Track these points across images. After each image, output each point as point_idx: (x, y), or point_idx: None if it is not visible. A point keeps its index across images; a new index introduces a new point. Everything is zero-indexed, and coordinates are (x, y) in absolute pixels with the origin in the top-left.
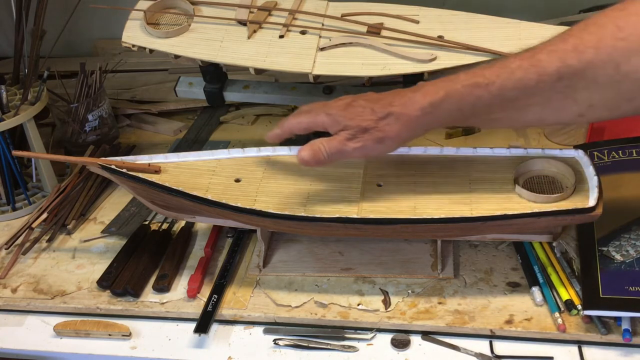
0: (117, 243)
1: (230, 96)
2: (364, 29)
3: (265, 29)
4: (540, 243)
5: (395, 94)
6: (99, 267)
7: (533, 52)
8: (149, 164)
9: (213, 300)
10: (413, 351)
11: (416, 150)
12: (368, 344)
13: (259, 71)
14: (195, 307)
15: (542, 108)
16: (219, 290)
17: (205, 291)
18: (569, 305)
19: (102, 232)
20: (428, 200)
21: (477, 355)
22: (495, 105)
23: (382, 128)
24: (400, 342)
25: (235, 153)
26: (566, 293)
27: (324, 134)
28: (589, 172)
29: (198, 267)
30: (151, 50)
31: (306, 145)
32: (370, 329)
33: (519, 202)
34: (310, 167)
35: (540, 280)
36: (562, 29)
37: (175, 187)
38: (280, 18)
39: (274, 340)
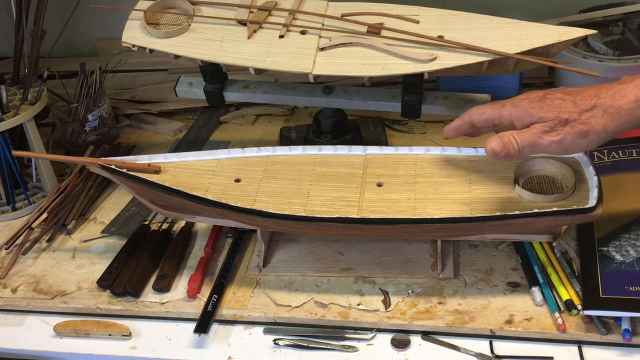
0: (117, 243)
1: (230, 96)
2: (364, 29)
3: (265, 29)
4: (540, 243)
5: (598, 87)
6: (99, 267)
7: None
8: (149, 164)
9: (213, 300)
10: (413, 351)
11: (416, 150)
12: (368, 344)
13: (259, 71)
14: (195, 307)
15: None
16: (219, 290)
17: (205, 291)
18: (569, 305)
19: (102, 232)
20: (428, 200)
21: (477, 355)
22: None
23: (586, 121)
24: (400, 342)
25: (235, 153)
26: (566, 293)
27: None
28: (589, 172)
29: (198, 267)
30: (151, 50)
31: (495, 137)
32: (370, 329)
33: (519, 202)
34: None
35: (540, 280)
36: (562, 29)
37: (175, 187)
38: (280, 18)
39: (274, 340)
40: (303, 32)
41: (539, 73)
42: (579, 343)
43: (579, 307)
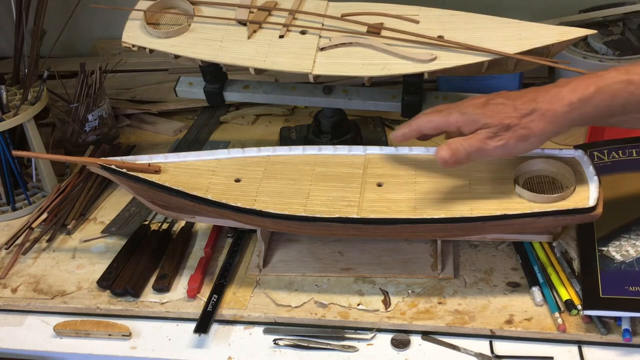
0: (117, 243)
1: (230, 96)
2: (364, 29)
3: (265, 29)
4: (540, 243)
5: (536, 91)
6: (99, 267)
7: None
8: (149, 164)
9: (213, 300)
10: (413, 351)
11: (416, 150)
12: (368, 344)
13: (259, 71)
14: (195, 307)
15: None
16: (219, 290)
17: (205, 291)
18: (569, 305)
19: (102, 232)
20: (428, 200)
21: (477, 355)
22: None
23: (526, 125)
24: (400, 342)
25: (235, 153)
26: (566, 293)
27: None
28: (589, 172)
29: (198, 267)
30: (151, 50)
31: (443, 145)
32: (370, 329)
33: (519, 202)
34: (313, 168)
35: (540, 280)
36: (562, 29)
37: (175, 187)
38: (280, 18)
39: (274, 340)
40: (303, 32)
41: (539, 73)
42: (579, 343)
43: (579, 307)
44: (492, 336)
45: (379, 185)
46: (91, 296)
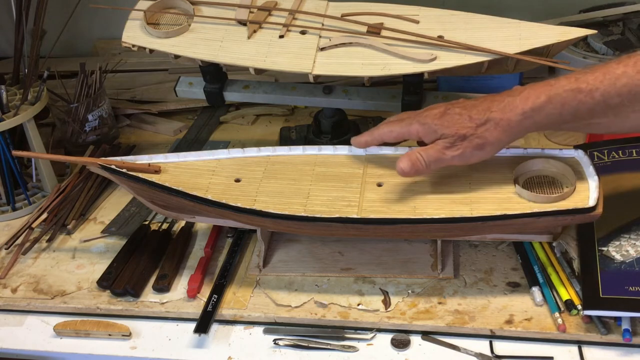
0: (117, 243)
1: (230, 96)
2: (364, 29)
3: (265, 29)
4: (540, 243)
5: (491, 99)
6: (99, 267)
7: (637, 58)
8: (149, 164)
9: (213, 300)
10: (413, 351)
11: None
12: (368, 344)
13: (259, 71)
14: (195, 307)
15: None
16: (219, 290)
17: (205, 291)
18: (569, 305)
19: (102, 232)
20: (428, 200)
21: (477, 355)
22: (597, 111)
23: (481, 134)
24: (400, 342)
25: (235, 153)
26: (566, 293)
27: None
28: (589, 172)
29: (198, 267)
30: (151, 50)
31: (404, 156)
32: (370, 329)
33: (519, 202)
34: (313, 168)
35: (540, 280)
36: (562, 29)
37: (175, 187)
38: (280, 18)
39: (274, 340)
40: (303, 32)
41: (539, 73)
42: (579, 343)
43: (579, 307)
44: (492, 336)
45: (379, 185)
46: (91, 296)
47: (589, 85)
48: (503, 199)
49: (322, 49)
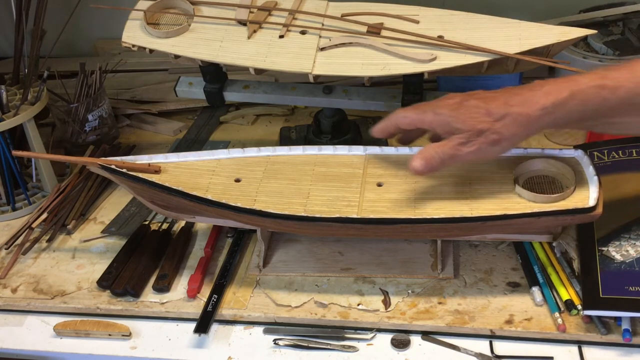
0: (117, 243)
1: (230, 96)
2: (364, 29)
3: (265, 29)
4: (540, 243)
5: (510, 93)
6: (99, 267)
7: None
8: (149, 164)
9: (213, 300)
10: (413, 351)
11: (416, 150)
12: (368, 344)
13: (259, 71)
14: (195, 307)
15: None
16: (219, 290)
17: (205, 291)
18: (569, 305)
19: (102, 232)
20: (428, 200)
21: (477, 355)
22: (620, 109)
23: (498, 130)
24: (400, 342)
25: (235, 153)
26: (566, 293)
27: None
28: (589, 172)
29: (198, 267)
30: (151, 50)
31: (418, 154)
32: (370, 329)
33: (519, 202)
34: (313, 168)
35: (540, 280)
36: (562, 29)
37: (175, 187)
38: (280, 18)
39: (274, 340)
40: (303, 32)
41: (539, 73)
42: (579, 343)
43: (579, 307)
44: (492, 336)
45: (379, 185)
46: (91, 296)
47: (614, 82)
48: (503, 199)
49: (322, 49)
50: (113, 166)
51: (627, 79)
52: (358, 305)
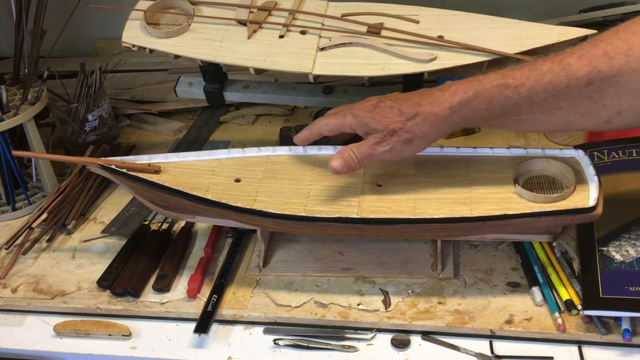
0: (117, 243)
1: (230, 96)
2: (364, 29)
3: (265, 29)
4: (540, 243)
5: (422, 94)
6: (99, 267)
7: (563, 55)
8: (149, 164)
9: (213, 300)
10: (413, 351)
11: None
12: (368, 344)
13: (259, 71)
14: (195, 307)
15: (570, 112)
16: (219, 290)
17: (205, 291)
18: (569, 305)
19: (102, 232)
20: (428, 200)
21: (477, 355)
22: (523, 107)
23: (409, 129)
24: (400, 342)
25: (235, 153)
26: (566, 293)
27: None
28: (589, 172)
29: (198, 267)
30: (151, 50)
31: (336, 154)
32: (370, 329)
33: (519, 202)
34: (313, 168)
35: (540, 280)
36: (562, 29)
37: (175, 187)
38: (280, 18)
39: (274, 340)
40: (303, 32)
41: None
42: (579, 343)
43: (579, 307)
44: (492, 336)
45: (379, 185)
46: (91, 296)
47: (515, 80)
48: (503, 199)
49: (322, 49)
50: (113, 166)
51: (528, 77)
52: (358, 305)
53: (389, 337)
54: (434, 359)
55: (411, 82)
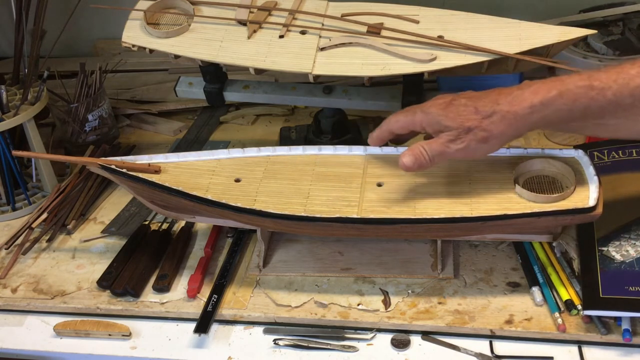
0: (117, 243)
1: (230, 96)
2: (364, 29)
3: (265, 29)
4: (540, 243)
5: (499, 92)
6: (99, 267)
7: None
8: (149, 164)
9: (213, 300)
10: (413, 351)
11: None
12: (368, 344)
13: (259, 71)
14: (195, 307)
15: None
16: (219, 290)
17: (205, 291)
18: (569, 305)
19: (102, 232)
20: (428, 200)
21: (477, 355)
22: (608, 110)
23: (486, 127)
24: (400, 342)
25: (235, 153)
26: (566, 293)
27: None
28: (589, 172)
29: (198, 267)
30: (151, 50)
31: (407, 151)
32: (370, 329)
33: (519, 202)
34: (313, 168)
35: (540, 280)
36: (562, 29)
37: (175, 187)
38: (280, 18)
39: (274, 340)
40: (303, 32)
41: (539, 73)
42: (579, 343)
43: (579, 307)
44: (492, 336)
45: (379, 185)
46: (91, 296)
47: (601, 83)
48: (503, 199)
49: (322, 49)
50: (113, 166)
51: (615, 80)
52: (358, 305)
53: (389, 337)
54: (434, 359)
55: (411, 82)
